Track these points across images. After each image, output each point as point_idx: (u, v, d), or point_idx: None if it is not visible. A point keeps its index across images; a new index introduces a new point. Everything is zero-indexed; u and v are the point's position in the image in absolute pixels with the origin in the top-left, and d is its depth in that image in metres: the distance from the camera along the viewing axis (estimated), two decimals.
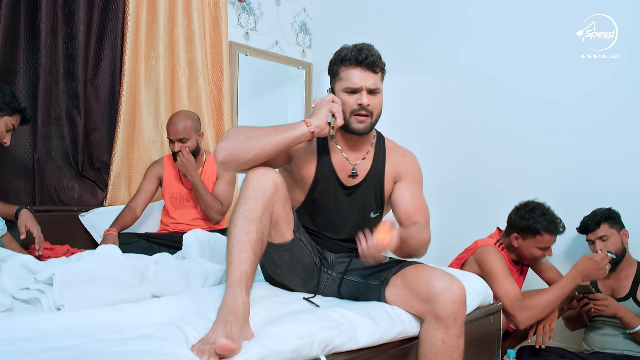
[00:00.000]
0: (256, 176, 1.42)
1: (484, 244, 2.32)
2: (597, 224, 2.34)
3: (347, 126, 1.59)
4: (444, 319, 1.37)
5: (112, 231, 2.39)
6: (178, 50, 3.08)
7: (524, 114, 2.94)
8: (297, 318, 1.27)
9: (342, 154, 1.67)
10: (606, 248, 2.29)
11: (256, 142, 1.44)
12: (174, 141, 2.58)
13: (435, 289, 1.38)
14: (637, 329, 2.15)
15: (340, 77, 1.58)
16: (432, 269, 1.46)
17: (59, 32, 2.62)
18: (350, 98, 1.56)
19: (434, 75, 3.32)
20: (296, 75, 3.94)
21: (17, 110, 2.06)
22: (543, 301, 2.10)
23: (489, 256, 2.22)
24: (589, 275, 2.12)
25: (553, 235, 2.27)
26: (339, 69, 1.58)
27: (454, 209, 3.16)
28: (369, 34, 3.55)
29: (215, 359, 1.02)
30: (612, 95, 2.65)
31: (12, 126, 2.07)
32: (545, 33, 2.86)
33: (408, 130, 3.26)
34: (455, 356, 1.38)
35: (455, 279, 1.41)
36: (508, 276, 2.17)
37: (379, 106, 1.60)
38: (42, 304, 1.32)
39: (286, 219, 1.52)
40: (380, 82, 1.60)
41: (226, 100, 3.25)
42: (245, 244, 1.30)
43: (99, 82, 2.82)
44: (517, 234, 2.31)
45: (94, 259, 1.65)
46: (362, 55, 1.53)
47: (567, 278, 2.13)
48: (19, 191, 2.53)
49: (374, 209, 1.68)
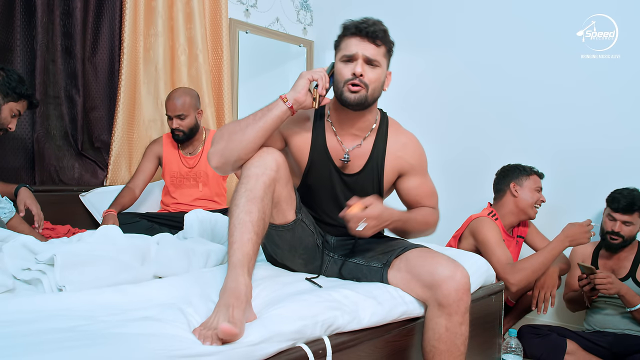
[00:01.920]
0: (257, 154, 1.40)
1: (477, 216, 2.41)
2: (632, 210, 2.28)
3: (340, 96, 1.49)
4: (447, 306, 1.36)
5: (111, 211, 2.37)
6: (177, 28, 3.03)
7: (522, 101, 2.94)
8: (299, 299, 1.27)
9: (336, 137, 1.58)
10: (622, 231, 2.29)
11: (240, 137, 1.40)
12: (172, 117, 2.56)
13: (438, 275, 1.37)
14: (638, 307, 2.16)
15: (340, 47, 1.51)
16: (436, 254, 1.45)
17: (55, 9, 2.57)
18: (345, 67, 1.47)
19: (437, 52, 3.28)
20: (297, 53, 3.88)
21: (23, 95, 2.00)
22: (533, 263, 2.19)
23: (482, 225, 2.32)
24: (575, 238, 2.20)
25: (539, 177, 2.48)
26: (341, 40, 1.52)
27: (455, 186, 3.16)
28: (371, 11, 3.47)
29: (218, 344, 1.01)
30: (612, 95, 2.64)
31: (18, 112, 2.03)
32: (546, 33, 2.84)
33: (408, 108, 3.24)
34: (458, 342, 1.38)
35: (459, 266, 1.39)
36: (500, 243, 2.25)
37: (376, 80, 1.48)
38: (43, 284, 1.32)
39: (288, 198, 1.49)
40: (382, 57, 1.49)
41: (226, 79, 3.21)
42: (247, 224, 1.28)
43: (98, 60, 2.78)
44: (513, 182, 2.45)
45: (95, 239, 1.64)
46: (363, 24, 1.46)
47: (554, 241, 2.22)
48: (18, 171, 2.52)
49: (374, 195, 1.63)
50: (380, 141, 1.61)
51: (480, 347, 1.83)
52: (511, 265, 2.18)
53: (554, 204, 2.59)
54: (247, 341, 1.05)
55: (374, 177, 1.60)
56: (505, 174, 2.51)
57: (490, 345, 1.90)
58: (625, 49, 2.61)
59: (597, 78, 2.67)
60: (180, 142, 2.65)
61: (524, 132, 2.92)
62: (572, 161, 2.75)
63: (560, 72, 2.79)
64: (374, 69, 1.48)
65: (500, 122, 3.01)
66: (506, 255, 2.21)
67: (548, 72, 2.83)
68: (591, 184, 2.61)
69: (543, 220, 2.57)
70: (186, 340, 0.99)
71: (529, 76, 2.90)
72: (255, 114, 1.45)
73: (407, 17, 3.37)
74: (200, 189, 2.66)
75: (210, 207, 2.64)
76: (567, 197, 2.71)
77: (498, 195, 2.52)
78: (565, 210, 2.70)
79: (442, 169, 3.19)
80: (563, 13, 2.78)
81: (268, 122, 1.42)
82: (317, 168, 1.59)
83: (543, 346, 2.22)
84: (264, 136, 1.42)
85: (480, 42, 3.08)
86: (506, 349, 1.95)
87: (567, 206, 2.72)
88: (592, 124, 2.69)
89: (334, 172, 1.59)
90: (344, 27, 1.51)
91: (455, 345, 1.38)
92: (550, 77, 2.82)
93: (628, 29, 2.59)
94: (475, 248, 2.35)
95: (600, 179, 2.58)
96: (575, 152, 2.74)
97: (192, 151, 2.69)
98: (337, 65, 1.51)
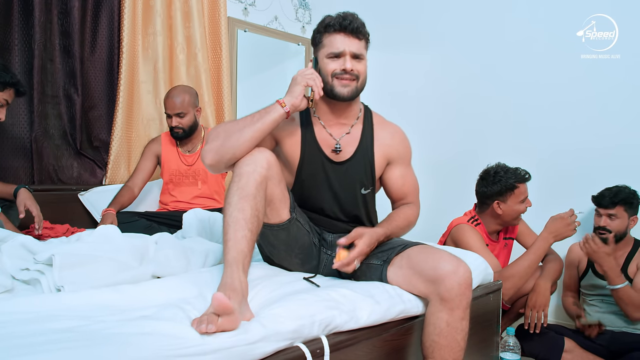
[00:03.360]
0: (249, 153, 1.43)
1: (457, 222, 2.36)
2: (613, 203, 2.31)
3: (331, 91, 1.56)
4: (449, 300, 1.36)
5: (110, 210, 2.38)
6: (176, 26, 3.02)
7: (522, 102, 2.94)
8: (297, 298, 1.27)
9: (325, 129, 1.64)
10: (609, 226, 2.30)
11: (237, 136, 1.43)
12: (171, 116, 2.56)
13: (441, 270, 1.38)
14: (618, 286, 2.16)
15: (324, 43, 1.57)
16: (438, 250, 1.46)
17: (53, 8, 2.57)
18: (333, 62, 1.55)
19: (438, 52, 3.27)
20: (296, 52, 3.88)
21: (8, 83, 1.98)
22: (520, 268, 2.15)
23: (462, 233, 2.26)
24: (560, 233, 2.16)
25: (525, 182, 2.32)
26: (322, 37, 1.57)
27: (447, 186, 3.17)
28: (369, 10, 3.49)
29: (213, 326, 1.02)
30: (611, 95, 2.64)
31: (5, 101, 2.00)
32: (546, 33, 2.84)
33: (407, 107, 3.24)
34: (458, 338, 1.39)
35: (461, 262, 1.41)
36: (484, 250, 2.19)
37: (364, 71, 1.58)
38: (41, 284, 1.32)
39: (281, 197, 1.51)
40: (364, 50, 1.58)
41: (225, 77, 3.21)
42: (240, 222, 1.29)
43: (96, 58, 2.78)
44: (497, 200, 2.32)
45: (94, 239, 1.64)
46: (346, 21, 1.53)
47: (538, 240, 2.18)
48: (17, 170, 2.52)
49: (365, 185, 1.66)
50: (367, 128, 1.67)
51: (479, 345, 1.84)
52: (498, 273, 2.13)
53: (550, 202, 2.58)
54: (246, 340, 1.05)
55: (366, 163, 1.65)
56: (487, 187, 2.34)
57: (489, 344, 1.91)
58: (625, 49, 2.61)
59: (597, 78, 2.67)
60: (180, 139, 2.65)
61: (524, 132, 2.92)
62: (571, 161, 2.75)
63: (560, 72, 2.78)
64: (360, 62, 1.57)
65: (500, 122, 3.01)
66: (492, 263, 2.13)
67: (548, 72, 2.83)
68: (592, 184, 2.60)
69: (534, 219, 2.54)
70: (185, 340, 1.00)
71: (529, 76, 2.89)
72: (252, 116, 1.48)
73: (406, 16, 3.37)
74: (199, 186, 2.66)
75: (209, 205, 2.64)
76: (563, 196, 2.71)
77: (481, 205, 2.42)
78: (559, 209, 2.69)
79: (439, 169, 3.23)
80: (563, 13, 2.78)
81: (265, 124, 1.46)
82: (310, 161, 1.62)
83: (541, 344, 2.23)
84: (259, 137, 1.45)
85: (480, 42, 3.08)
86: (504, 347, 1.95)
87: (564, 205, 2.72)
88: (592, 123, 2.69)
89: (326, 162, 1.63)
90: (326, 24, 1.56)
91: (456, 340, 1.38)
92: (550, 77, 2.82)
93: (628, 29, 2.59)
94: None
95: (597, 177, 2.57)
96: (574, 152, 2.74)
97: (191, 149, 2.70)
98: (322, 62, 1.56)
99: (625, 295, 2.15)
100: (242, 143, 1.42)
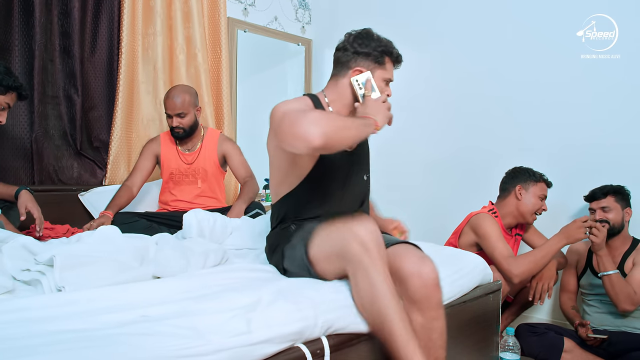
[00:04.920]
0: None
1: (477, 212, 2.45)
2: (603, 194, 2.38)
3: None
4: (417, 302, 1.35)
5: (107, 213, 2.36)
6: (175, 27, 3.03)
7: (521, 99, 2.94)
8: (299, 300, 1.27)
9: None
10: (606, 218, 2.33)
11: (346, 133, 1.40)
12: (172, 116, 2.56)
13: (404, 272, 1.36)
14: (608, 273, 2.20)
15: (385, 67, 1.68)
16: (406, 248, 1.43)
17: (53, 9, 2.57)
18: (386, 88, 1.69)
19: (438, 52, 3.28)
20: (295, 52, 3.88)
21: (11, 87, 1.96)
22: (535, 255, 2.25)
23: (482, 221, 2.36)
24: (571, 235, 2.24)
25: (546, 185, 2.49)
26: (385, 59, 1.67)
27: (456, 184, 3.18)
28: (369, 10, 3.49)
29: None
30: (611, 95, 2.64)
31: (7, 105, 1.99)
32: (546, 33, 2.83)
33: (410, 106, 3.24)
34: (434, 337, 1.37)
35: (425, 262, 1.37)
36: (501, 238, 2.30)
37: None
38: (42, 285, 1.33)
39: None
40: None
41: (225, 77, 3.21)
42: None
43: (96, 59, 2.79)
44: (520, 185, 2.45)
45: (94, 239, 1.64)
46: (400, 57, 1.72)
47: (552, 239, 2.29)
48: (17, 171, 2.52)
49: (367, 171, 1.76)
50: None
51: (478, 345, 1.85)
52: (513, 257, 2.23)
53: (549, 202, 2.58)
54: (247, 341, 1.06)
55: (365, 147, 1.78)
56: (514, 175, 2.52)
57: (488, 344, 1.91)
58: (625, 49, 2.61)
59: (597, 78, 2.67)
60: (180, 139, 2.65)
61: (525, 132, 2.92)
62: (571, 160, 2.75)
63: (560, 72, 2.78)
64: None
65: (501, 121, 3.01)
66: (508, 250, 2.26)
67: (548, 72, 2.82)
68: (590, 184, 2.61)
69: (541, 220, 2.57)
70: (186, 341, 1.00)
71: (529, 76, 2.89)
72: (353, 120, 1.48)
73: (406, 16, 3.37)
74: (199, 185, 2.66)
75: (209, 204, 2.64)
76: (562, 195, 2.70)
77: (502, 194, 2.54)
78: (558, 209, 2.71)
79: (443, 167, 3.24)
80: (563, 13, 2.78)
81: (361, 135, 1.48)
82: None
83: (540, 344, 2.23)
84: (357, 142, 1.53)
85: (480, 41, 3.08)
86: (504, 347, 1.96)
87: (567, 205, 2.73)
88: (592, 123, 2.69)
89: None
90: (390, 51, 1.68)
91: (432, 340, 1.37)
92: (550, 77, 2.82)
93: (628, 29, 2.59)
94: (476, 243, 2.38)
95: (594, 178, 2.56)
96: (574, 151, 2.74)
97: (190, 148, 2.69)
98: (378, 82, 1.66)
99: (616, 282, 2.18)
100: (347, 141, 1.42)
